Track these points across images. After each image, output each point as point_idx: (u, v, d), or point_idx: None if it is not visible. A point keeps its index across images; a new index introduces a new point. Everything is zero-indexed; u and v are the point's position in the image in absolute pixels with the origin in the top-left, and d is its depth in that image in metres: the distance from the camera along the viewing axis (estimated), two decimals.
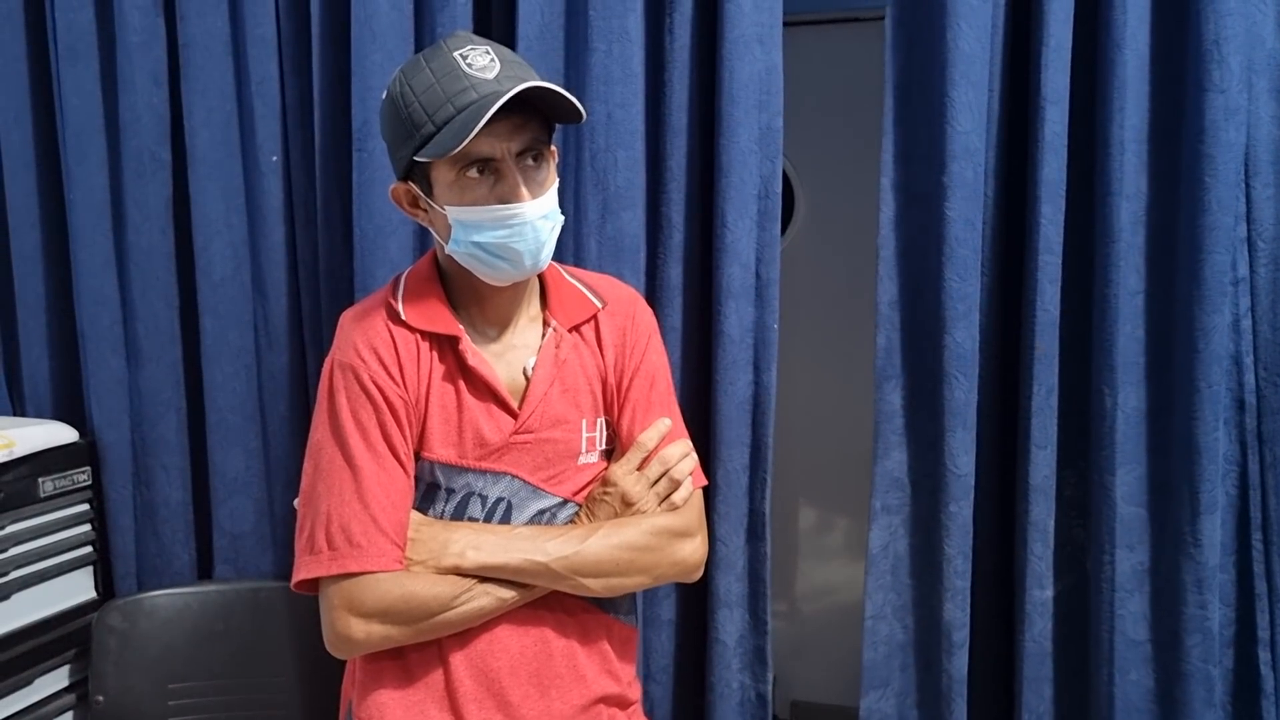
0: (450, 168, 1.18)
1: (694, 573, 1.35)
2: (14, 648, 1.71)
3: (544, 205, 1.21)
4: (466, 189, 1.18)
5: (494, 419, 1.26)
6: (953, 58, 1.45)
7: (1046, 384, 1.48)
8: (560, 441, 1.29)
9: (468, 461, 1.25)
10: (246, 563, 1.89)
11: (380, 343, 1.23)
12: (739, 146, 1.56)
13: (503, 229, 1.18)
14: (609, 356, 1.33)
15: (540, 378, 1.27)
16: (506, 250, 1.19)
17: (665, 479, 1.31)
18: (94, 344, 1.89)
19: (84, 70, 1.84)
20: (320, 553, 1.20)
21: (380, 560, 1.18)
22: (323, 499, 1.21)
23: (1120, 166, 1.43)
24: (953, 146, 1.46)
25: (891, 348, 1.56)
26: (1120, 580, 1.48)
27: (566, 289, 1.35)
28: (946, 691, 1.53)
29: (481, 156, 1.17)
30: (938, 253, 1.49)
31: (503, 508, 1.27)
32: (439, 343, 1.26)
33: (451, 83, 1.15)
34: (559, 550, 1.23)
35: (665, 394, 1.37)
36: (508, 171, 1.18)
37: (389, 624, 1.20)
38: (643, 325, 1.37)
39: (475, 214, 1.19)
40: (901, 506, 1.58)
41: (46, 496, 1.78)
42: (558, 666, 1.28)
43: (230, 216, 1.82)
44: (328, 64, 1.73)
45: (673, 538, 1.30)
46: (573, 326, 1.32)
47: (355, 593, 1.18)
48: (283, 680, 1.80)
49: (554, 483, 1.29)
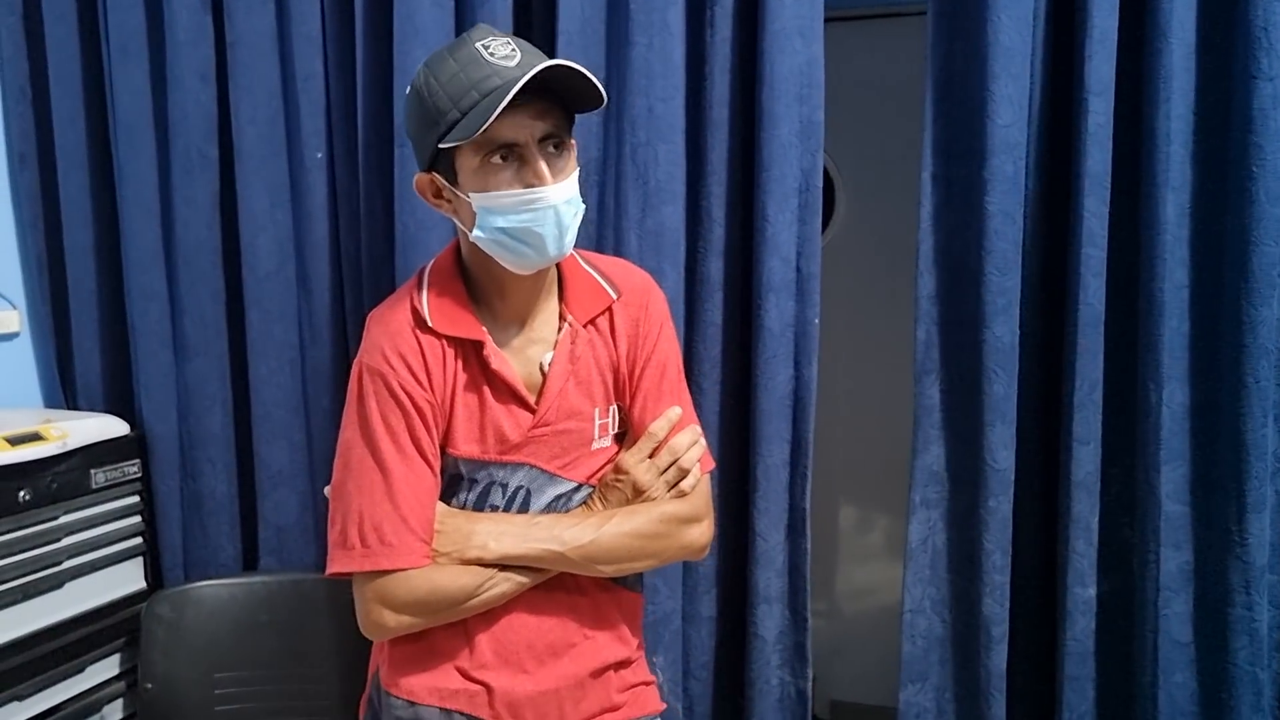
0: (474, 154, 1.20)
1: (700, 554, 1.40)
2: (66, 635, 1.75)
3: (567, 190, 1.23)
4: (490, 175, 1.20)
5: (514, 417, 1.30)
6: (993, 51, 1.44)
7: (1090, 379, 1.47)
8: (575, 431, 1.33)
9: (489, 455, 1.30)
10: (290, 554, 1.92)
11: (408, 349, 1.27)
12: (780, 140, 1.56)
13: (527, 213, 1.20)
14: (621, 347, 1.36)
15: (556, 374, 1.31)
16: (530, 235, 1.21)
17: (674, 467, 1.35)
18: (144, 338, 1.92)
19: (135, 69, 1.87)
20: (353, 549, 1.26)
21: (410, 558, 1.24)
22: (354, 497, 1.26)
23: (1166, 157, 1.41)
24: (993, 140, 1.45)
25: (930, 342, 1.55)
26: (1165, 580, 1.45)
27: (584, 280, 1.37)
28: (985, 686, 1.52)
29: (505, 142, 1.19)
30: (978, 247, 1.48)
31: (522, 495, 1.32)
32: (463, 346, 1.29)
33: (475, 70, 1.17)
34: (575, 539, 1.28)
35: (676, 381, 1.40)
36: (531, 156, 1.20)
37: (418, 614, 1.27)
38: (655, 314, 1.39)
39: (499, 199, 1.21)
40: (940, 501, 1.57)
41: (98, 488, 1.82)
42: (573, 638, 1.34)
43: (275, 212, 1.85)
44: (371, 61, 1.75)
45: (681, 524, 1.35)
46: (588, 320, 1.34)
47: (388, 588, 1.25)
48: (325, 670, 1.82)
49: (569, 469, 1.33)
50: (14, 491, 1.65)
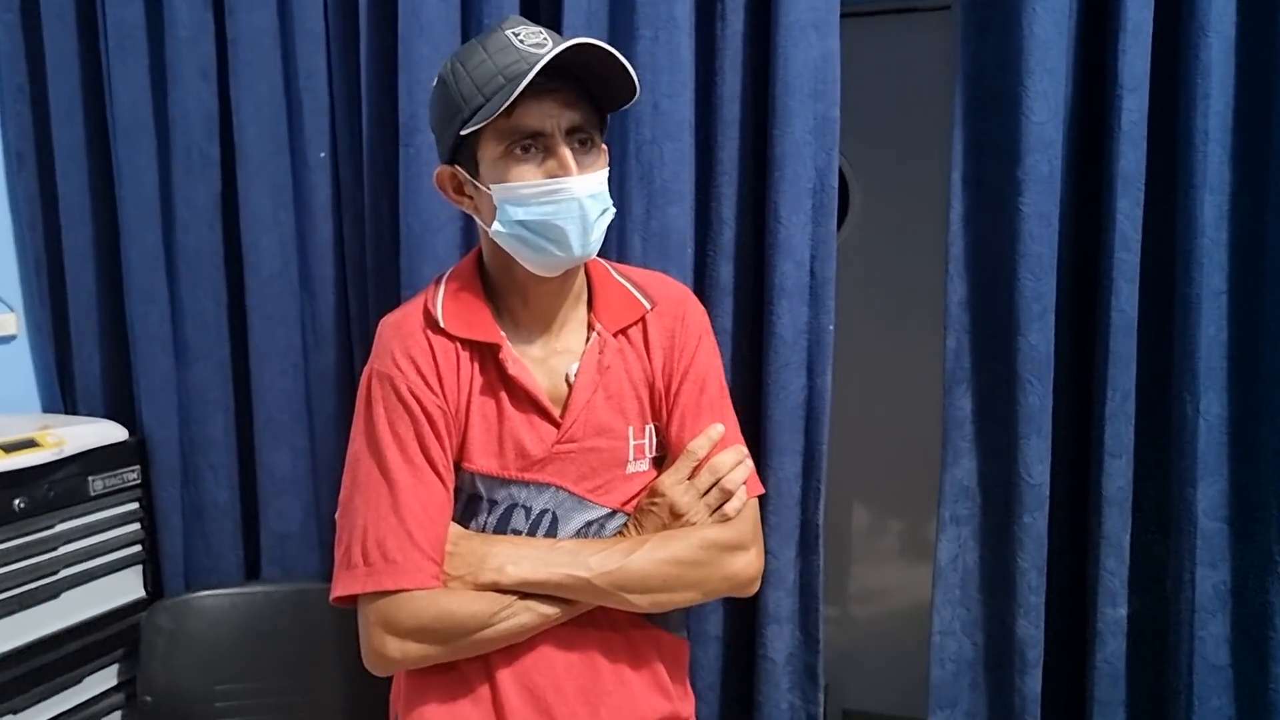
0: (498, 143, 1.14)
1: (748, 587, 1.29)
2: (64, 646, 1.72)
3: (593, 183, 1.16)
4: (513, 166, 1.14)
5: (536, 429, 1.21)
6: (1028, 45, 1.37)
7: (1122, 389, 1.40)
8: (605, 450, 1.23)
9: (510, 472, 1.21)
10: (293, 563, 1.88)
11: (418, 351, 1.19)
12: (793, 138, 1.49)
13: (549, 204, 1.13)
14: (656, 360, 1.27)
15: (582, 385, 1.22)
16: (551, 229, 1.14)
17: (716, 489, 1.25)
18: (144, 342, 1.89)
19: (134, 66, 1.83)
20: (356, 568, 1.17)
21: (416, 577, 1.15)
22: (359, 513, 1.18)
23: (1203, 157, 1.35)
24: (1028, 138, 1.39)
25: (961, 350, 1.49)
26: (1201, 600, 1.39)
27: (614, 289, 1.30)
28: (1019, 712, 1.46)
29: (530, 130, 1.13)
30: (1011, 250, 1.42)
31: (548, 519, 1.22)
32: (479, 350, 1.21)
33: (503, 57, 1.11)
34: (602, 565, 1.18)
35: (717, 397, 1.30)
36: (556, 147, 1.14)
37: (425, 642, 1.16)
38: (693, 325, 1.30)
39: (520, 189, 1.14)
40: (971, 517, 1.51)
41: (96, 495, 1.78)
42: (606, 684, 1.23)
43: (278, 213, 1.81)
44: (375, 57, 1.70)
45: (724, 551, 1.24)
46: (618, 330, 1.26)
47: (390, 611, 1.15)
48: (329, 682, 1.79)
49: (600, 493, 1.24)
50: (9, 500, 1.62)
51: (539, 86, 1.08)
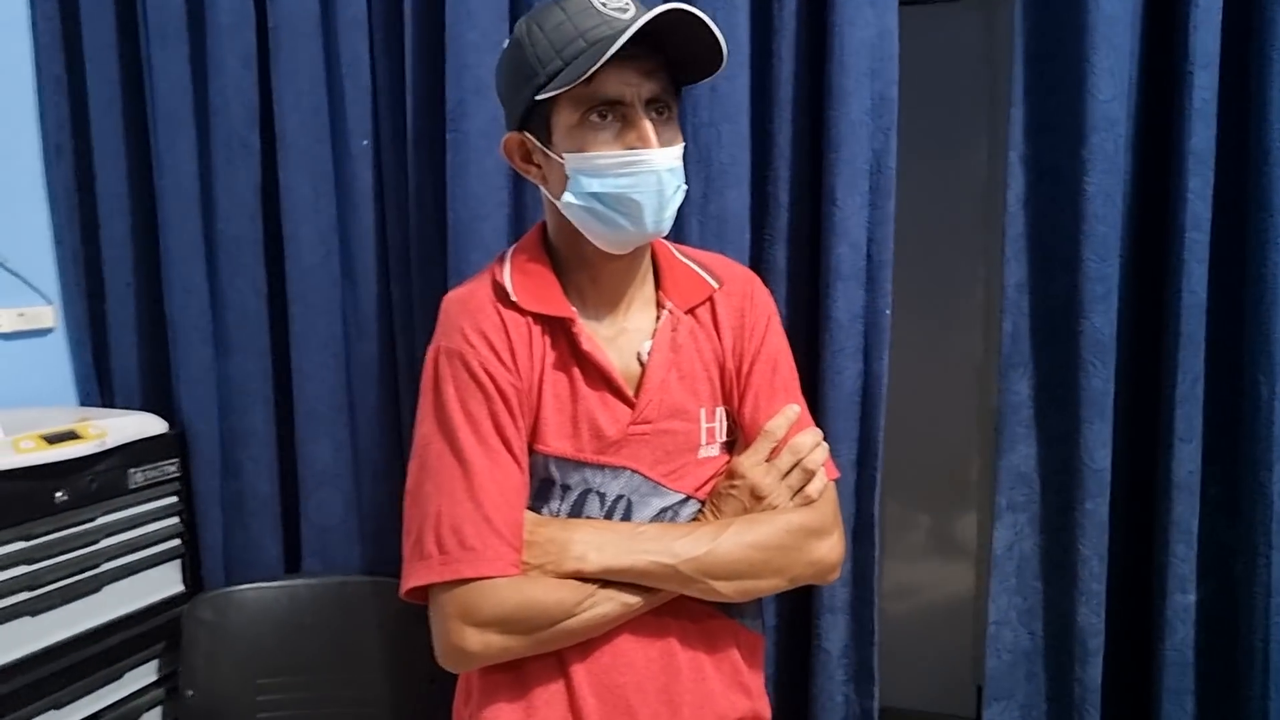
0: (573, 110, 1.10)
1: (831, 574, 1.24)
2: (105, 640, 1.69)
3: (672, 156, 1.12)
4: (589, 134, 1.10)
5: (610, 409, 1.17)
6: (1093, 20, 1.35)
7: (1192, 372, 1.38)
8: (680, 433, 1.20)
9: (585, 455, 1.16)
10: (334, 556, 1.85)
11: (489, 326, 1.15)
12: (850, 118, 1.47)
13: (626, 177, 1.09)
14: (727, 340, 1.24)
15: (656, 364, 1.18)
16: (626, 203, 1.10)
17: (798, 470, 1.21)
18: (183, 333, 1.86)
19: (174, 54, 1.81)
20: (430, 557, 1.11)
21: (496, 564, 1.10)
22: (431, 499, 1.12)
23: (1278, 134, 1.32)
24: (1093, 117, 1.37)
25: (1019, 334, 1.46)
26: (1276, 585, 1.37)
27: (680, 269, 1.26)
28: (1080, 703, 1.43)
29: (609, 98, 1.08)
30: (1074, 231, 1.39)
31: (623, 505, 1.18)
32: (550, 326, 1.17)
33: (584, 19, 1.07)
34: (688, 550, 1.13)
35: (789, 379, 1.27)
36: (636, 117, 1.09)
37: (507, 634, 1.11)
38: (761, 306, 1.27)
39: (596, 160, 1.10)
40: (1029, 504, 1.48)
41: (136, 488, 1.76)
42: (686, 681, 1.19)
43: (319, 202, 1.78)
44: (420, 44, 1.68)
45: (809, 535, 1.19)
46: (689, 309, 1.23)
47: (470, 600, 1.09)
48: (371, 675, 1.77)
49: (674, 478, 1.19)
50: (50, 492, 1.59)
51: (620, 52, 1.03)
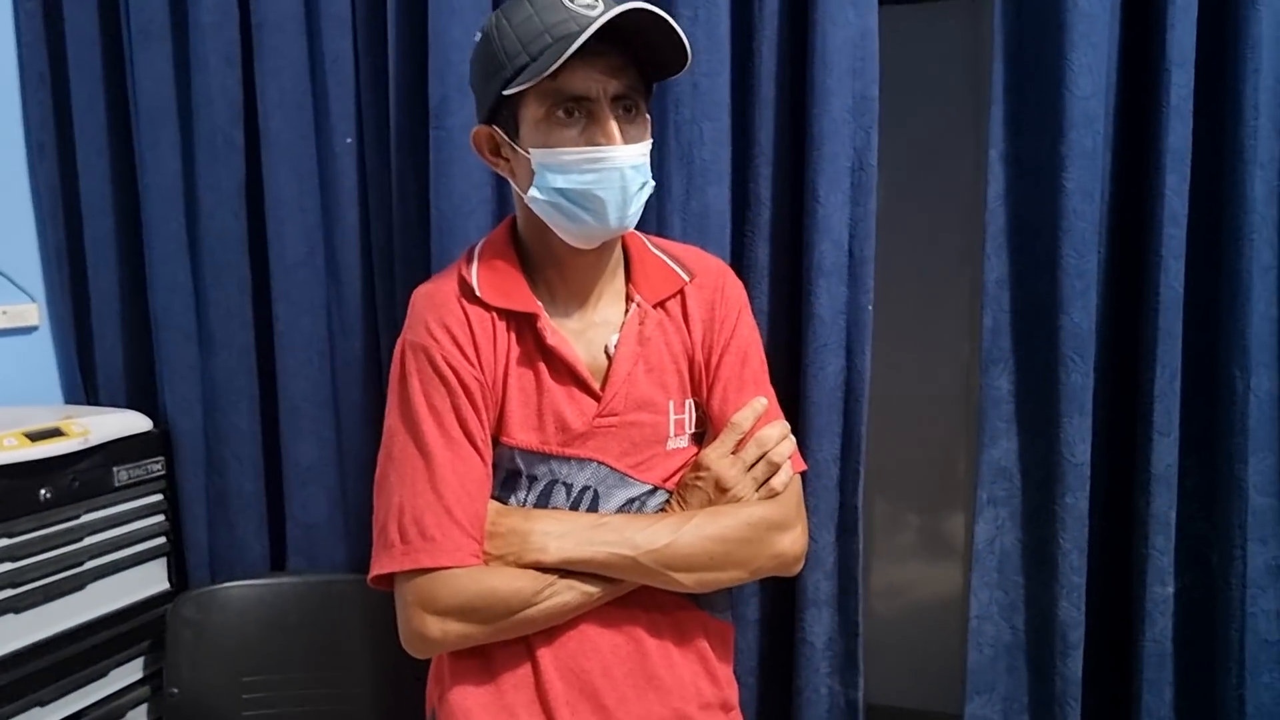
0: (540, 104, 1.11)
1: (793, 566, 1.26)
2: (89, 638, 1.69)
3: (636, 154, 1.13)
4: (555, 130, 1.11)
5: (576, 402, 1.19)
6: (1071, 18, 1.36)
7: (1170, 366, 1.39)
8: (647, 425, 1.21)
9: (550, 448, 1.19)
10: (319, 554, 1.86)
11: (453, 320, 1.16)
12: (831, 117, 1.48)
13: (590, 173, 1.11)
14: (696, 333, 1.25)
15: (623, 357, 1.20)
16: (590, 199, 1.12)
17: (763, 462, 1.22)
18: (167, 331, 1.86)
19: (157, 51, 1.81)
20: (393, 546, 1.14)
21: (455, 555, 1.12)
22: (395, 489, 1.15)
23: (1253, 132, 1.34)
24: (1071, 113, 1.38)
25: (999, 329, 1.47)
26: (1252, 576, 1.38)
27: (652, 262, 1.28)
28: (1060, 695, 1.44)
29: (575, 94, 1.10)
30: (1053, 227, 1.41)
31: (589, 496, 1.20)
32: (516, 321, 1.19)
33: (551, 14, 1.09)
34: (648, 542, 1.15)
35: (758, 371, 1.28)
36: (601, 114, 1.11)
37: (466, 622, 1.13)
38: (732, 298, 1.29)
39: (561, 155, 1.11)
40: (1010, 498, 1.49)
41: (121, 486, 1.76)
42: (654, 667, 1.21)
43: (303, 200, 1.78)
44: (403, 41, 1.68)
45: (771, 529, 1.21)
46: (658, 302, 1.24)
47: (429, 589, 1.12)
48: (356, 673, 1.77)
49: (642, 469, 1.21)
50: (34, 489, 1.59)
51: (587, 49, 1.05)
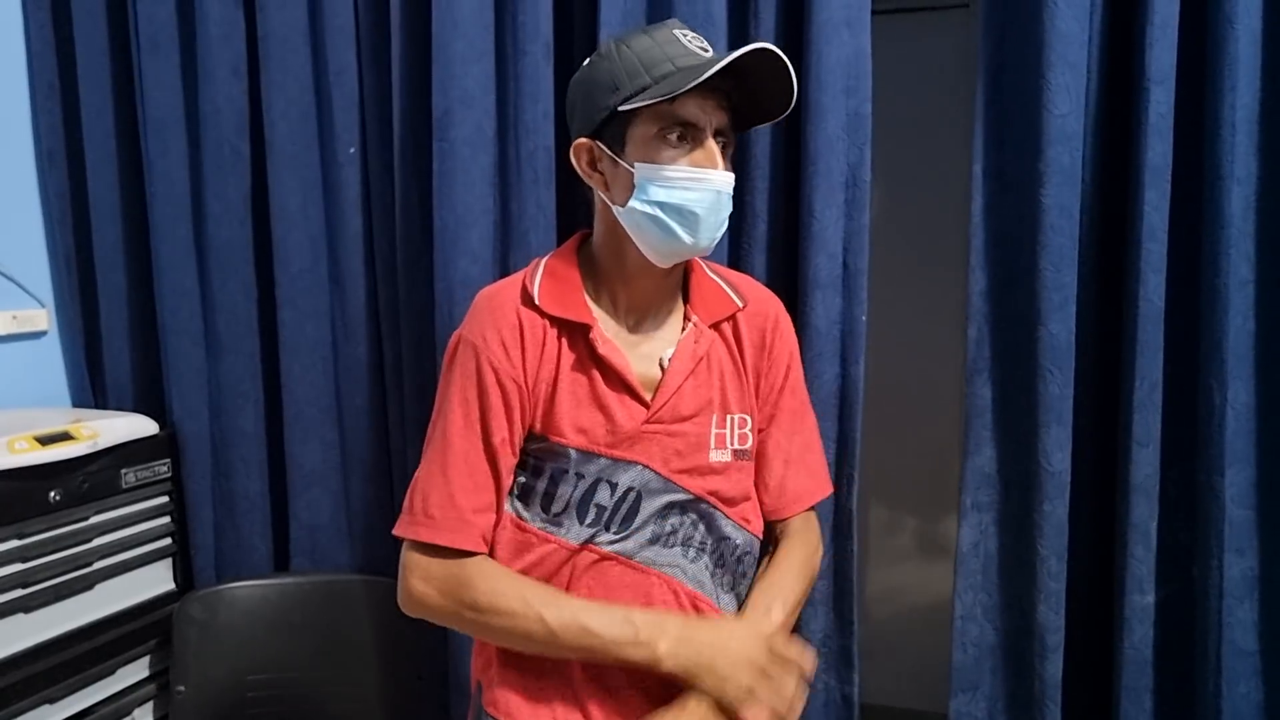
0: (652, 124, 1.18)
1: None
2: (97, 637, 1.73)
3: (730, 181, 1.22)
4: (663, 148, 1.19)
5: (626, 408, 1.24)
6: (1049, 39, 1.40)
7: (1150, 378, 1.42)
8: (692, 435, 1.27)
9: (598, 448, 1.24)
10: (323, 555, 1.89)
11: (506, 325, 1.23)
12: (826, 133, 1.52)
13: (693, 190, 1.18)
14: (748, 357, 1.32)
15: (676, 370, 1.26)
16: (686, 214, 1.19)
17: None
18: (174, 336, 1.90)
19: (165, 63, 1.85)
20: (404, 514, 1.23)
21: (450, 536, 1.20)
22: (423, 464, 1.24)
23: (1231, 149, 1.37)
24: (1049, 131, 1.41)
25: (982, 340, 1.51)
26: (1229, 586, 1.41)
27: (709, 285, 1.34)
28: (1039, 696, 1.47)
29: (687, 120, 1.18)
30: (1032, 242, 1.44)
31: (631, 497, 1.25)
32: (569, 330, 1.25)
33: (672, 47, 1.18)
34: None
35: (806, 400, 1.40)
36: (706, 141, 1.19)
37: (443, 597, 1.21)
38: (785, 332, 1.37)
39: (666, 170, 1.19)
40: (993, 504, 1.53)
41: (129, 488, 1.80)
42: None
43: (308, 209, 1.83)
44: (407, 54, 1.72)
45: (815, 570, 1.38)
46: (713, 323, 1.31)
47: (420, 559, 1.22)
48: (359, 672, 1.81)
49: (684, 477, 1.27)
50: (44, 491, 1.64)
51: (705, 83, 1.13)
